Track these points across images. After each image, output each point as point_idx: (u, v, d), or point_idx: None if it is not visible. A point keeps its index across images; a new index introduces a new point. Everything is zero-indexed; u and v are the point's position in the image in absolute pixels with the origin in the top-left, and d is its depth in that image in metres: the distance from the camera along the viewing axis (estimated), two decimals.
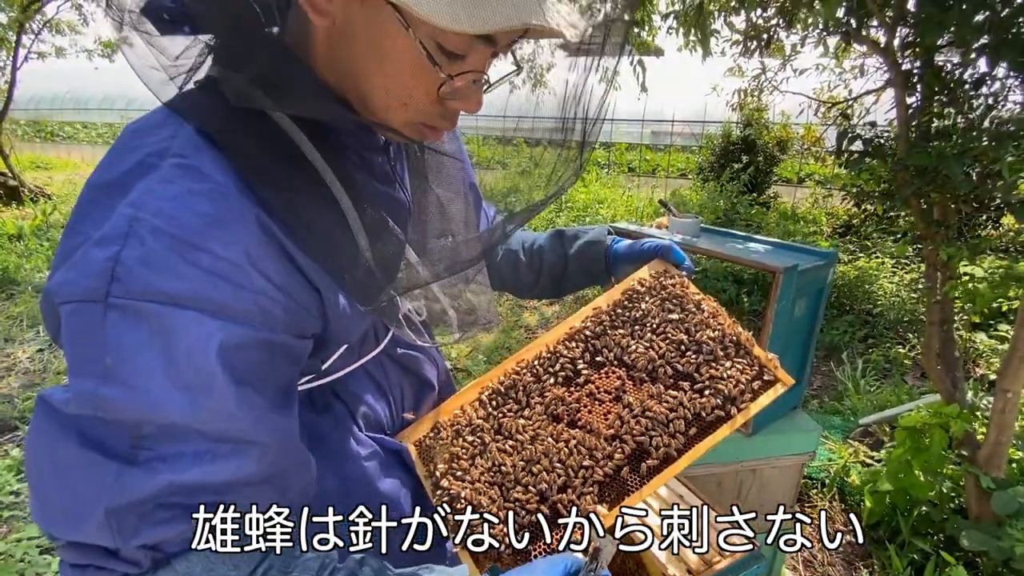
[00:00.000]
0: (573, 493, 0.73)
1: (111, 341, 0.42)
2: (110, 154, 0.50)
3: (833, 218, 6.33)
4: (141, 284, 0.42)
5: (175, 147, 0.47)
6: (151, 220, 0.43)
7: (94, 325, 0.42)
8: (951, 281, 1.69)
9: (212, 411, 0.45)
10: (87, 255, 0.43)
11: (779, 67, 4.29)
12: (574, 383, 0.83)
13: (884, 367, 3.56)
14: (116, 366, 0.42)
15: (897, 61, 1.66)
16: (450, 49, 0.49)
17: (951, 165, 1.42)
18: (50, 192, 8.02)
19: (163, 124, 0.49)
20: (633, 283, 0.92)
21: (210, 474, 0.46)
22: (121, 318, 0.42)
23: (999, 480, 1.78)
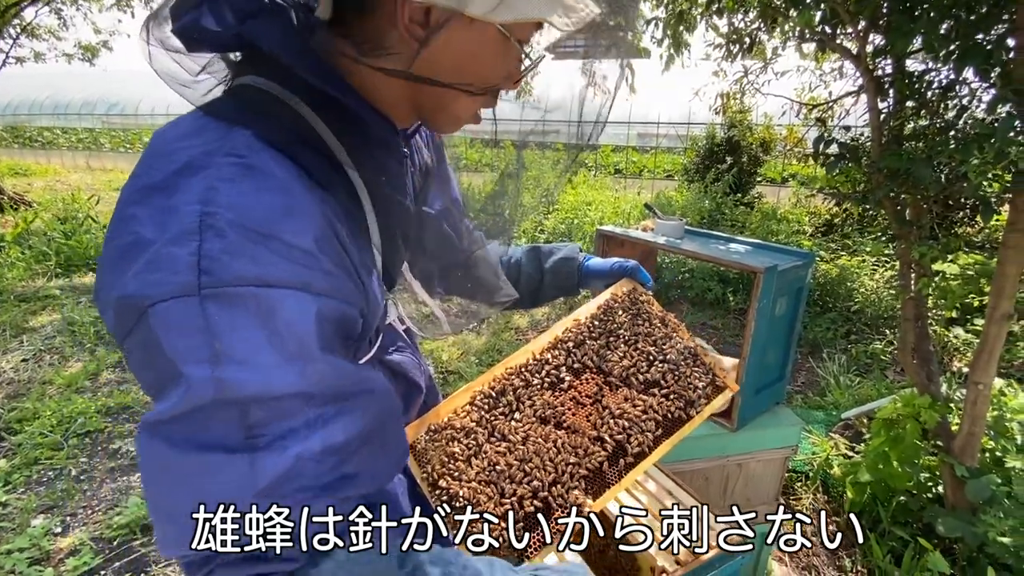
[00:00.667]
0: (562, 488, 0.81)
1: (215, 327, 0.44)
2: (146, 161, 0.51)
3: (815, 217, 6.45)
4: (230, 272, 0.44)
5: (228, 147, 0.49)
6: (224, 214, 0.45)
7: (194, 316, 0.44)
8: (924, 279, 1.75)
9: (319, 375, 0.48)
10: (166, 254, 0.44)
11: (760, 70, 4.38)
12: (558, 388, 0.94)
13: (865, 362, 3.66)
14: (226, 348, 0.44)
15: (869, 68, 1.72)
16: (519, 38, 0.58)
17: (920, 168, 1.49)
18: (30, 199, 7.89)
19: (204, 129, 0.51)
20: (607, 299, 1.04)
21: (329, 437, 0.48)
22: (218, 305, 0.44)
23: (972, 469, 1.86)
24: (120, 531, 2.18)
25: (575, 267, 1.08)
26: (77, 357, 3.66)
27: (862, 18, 1.74)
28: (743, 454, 1.71)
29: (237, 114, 0.52)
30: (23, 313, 4.27)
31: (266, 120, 0.52)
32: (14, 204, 7.32)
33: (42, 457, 2.63)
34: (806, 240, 5.44)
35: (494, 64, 0.59)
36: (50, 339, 3.89)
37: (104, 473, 2.57)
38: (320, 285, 0.49)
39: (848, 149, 1.76)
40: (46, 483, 2.50)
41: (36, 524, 2.22)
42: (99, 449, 2.75)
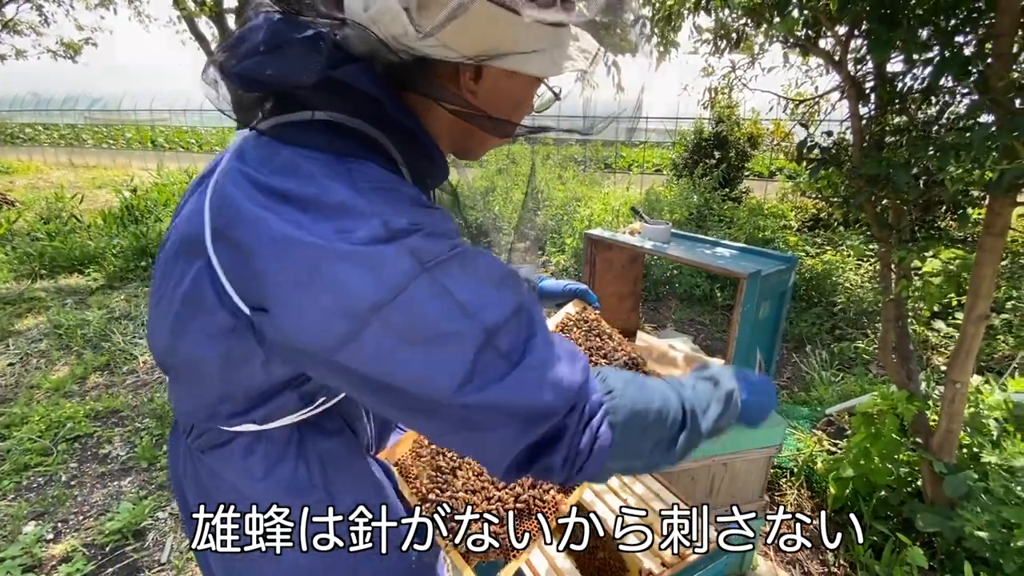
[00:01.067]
0: (539, 490, 0.91)
1: (452, 288, 0.53)
2: (276, 171, 0.57)
3: (802, 212, 6.52)
4: (435, 251, 0.54)
5: (366, 176, 0.57)
6: (401, 220, 0.54)
7: (434, 287, 0.53)
8: (903, 281, 1.79)
9: (520, 286, 0.60)
10: (378, 255, 0.52)
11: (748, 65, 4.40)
12: None
13: (850, 358, 3.72)
14: (466, 299, 0.54)
15: (850, 74, 1.75)
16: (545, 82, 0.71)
17: (899, 173, 1.52)
18: (13, 198, 7.77)
19: (333, 163, 0.58)
20: (563, 318, 1.19)
21: (546, 326, 0.61)
22: (441, 271, 0.53)
23: (950, 465, 1.91)
24: (112, 537, 2.18)
25: (532, 287, 1.21)
26: (64, 360, 3.63)
27: (843, 24, 1.76)
28: (728, 454, 1.75)
29: (347, 149, 0.60)
30: (8, 316, 4.22)
31: (374, 154, 0.61)
32: None
33: (32, 463, 2.62)
34: (792, 236, 5.50)
35: (522, 104, 0.70)
36: (36, 342, 3.85)
37: (94, 478, 2.56)
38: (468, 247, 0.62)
39: (829, 153, 1.79)
40: (36, 489, 2.49)
41: (27, 531, 2.21)
42: (89, 454, 2.74)
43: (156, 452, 2.72)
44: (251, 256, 0.54)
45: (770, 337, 1.79)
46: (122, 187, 6.99)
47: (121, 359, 3.65)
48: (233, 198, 0.57)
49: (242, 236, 0.55)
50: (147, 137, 15.93)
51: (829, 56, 1.84)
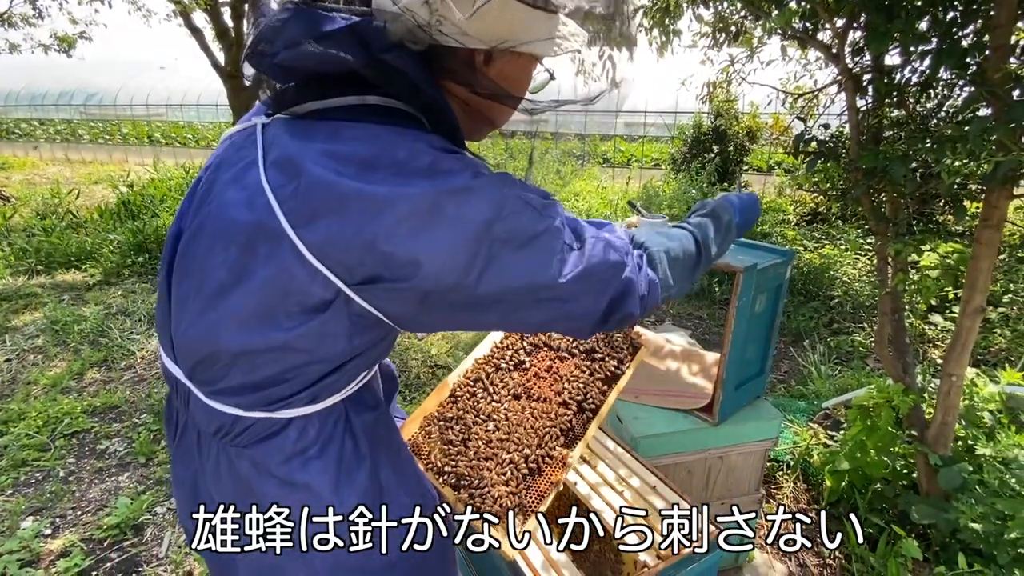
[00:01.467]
0: (545, 448, 0.99)
1: (527, 199, 0.65)
2: (376, 144, 0.62)
3: (800, 206, 6.52)
4: (507, 179, 0.66)
5: (429, 144, 0.63)
6: (478, 168, 0.64)
7: (519, 202, 0.65)
8: (900, 274, 1.79)
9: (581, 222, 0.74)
10: (478, 186, 0.62)
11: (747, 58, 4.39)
12: (521, 368, 1.15)
13: (847, 351, 3.73)
14: (539, 205, 0.67)
15: (848, 67, 1.74)
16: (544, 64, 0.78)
17: (896, 166, 1.52)
18: (9, 194, 7.73)
19: (402, 133, 0.64)
20: None
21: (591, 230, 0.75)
22: (519, 189, 0.66)
23: (945, 457, 1.92)
24: (110, 532, 2.19)
25: None
26: (61, 356, 3.62)
27: (840, 15, 1.75)
28: (724, 447, 1.76)
29: (406, 123, 0.66)
30: (4, 312, 4.21)
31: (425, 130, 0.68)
32: None
33: (29, 459, 2.62)
34: (790, 230, 5.50)
35: (522, 83, 0.76)
36: (33, 338, 3.84)
37: (92, 474, 2.57)
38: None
39: (827, 147, 1.78)
40: (34, 485, 2.49)
41: (25, 526, 2.22)
42: (86, 450, 2.75)
43: (154, 447, 2.72)
44: (360, 227, 0.58)
45: (766, 331, 1.79)
46: (119, 182, 6.95)
47: (119, 355, 3.64)
48: (320, 177, 0.59)
49: (344, 209, 0.58)
50: (143, 132, 15.85)
51: (827, 48, 1.83)
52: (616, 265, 0.71)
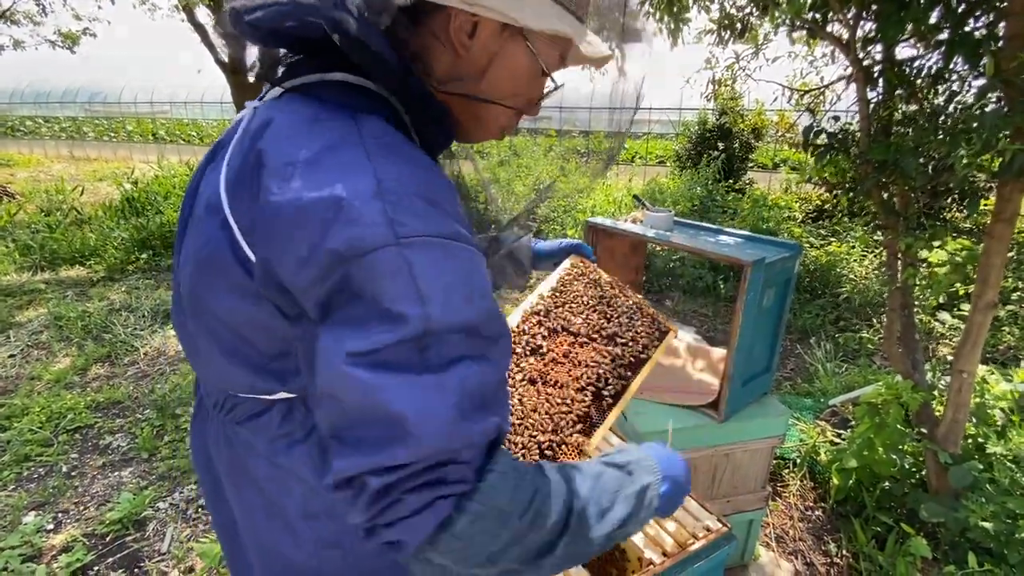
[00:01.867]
0: (561, 435, 0.97)
1: (417, 272, 0.50)
2: (286, 139, 0.56)
3: (806, 203, 6.47)
4: (420, 226, 0.51)
5: (366, 130, 0.56)
6: (395, 182, 0.52)
7: (397, 263, 0.50)
8: (910, 269, 1.76)
9: (485, 315, 0.55)
10: (361, 212, 0.50)
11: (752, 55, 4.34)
12: (538, 353, 1.10)
13: (853, 349, 3.70)
14: (427, 289, 0.51)
15: (858, 57, 1.71)
16: (548, 67, 0.69)
17: (907, 158, 1.49)
18: (14, 191, 7.76)
19: (333, 116, 0.57)
20: (562, 273, 1.22)
21: (486, 370, 0.55)
22: (414, 252, 0.50)
23: (955, 455, 1.89)
24: (113, 527, 2.18)
25: (528, 251, 1.21)
26: (65, 352, 3.62)
27: (852, 5, 1.72)
28: (730, 444, 1.73)
29: (357, 104, 0.59)
30: (9, 308, 4.21)
31: (381, 110, 0.60)
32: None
33: (32, 454, 2.62)
34: (796, 227, 5.46)
35: (525, 85, 0.69)
36: (37, 334, 3.85)
37: (95, 469, 2.56)
38: (472, 241, 0.57)
39: (836, 139, 1.75)
40: (37, 480, 2.49)
41: (28, 521, 2.21)
42: (89, 445, 2.74)
43: (157, 443, 2.72)
44: (260, 208, 0.55)
45: (774, 326, 1.76)
46: (123, 179, 6.96)
47: (122, 350, 3.64)
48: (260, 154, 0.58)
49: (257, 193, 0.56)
50: (148, 130, 15.88)
51: (837, 40, 1.80)
52: (414, 435, 0.50)
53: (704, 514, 1.33)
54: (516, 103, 0.71)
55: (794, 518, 2.22)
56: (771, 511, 2.26)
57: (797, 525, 2.19)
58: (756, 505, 1.87)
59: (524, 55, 0.66)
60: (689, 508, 1.36)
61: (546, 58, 0.67)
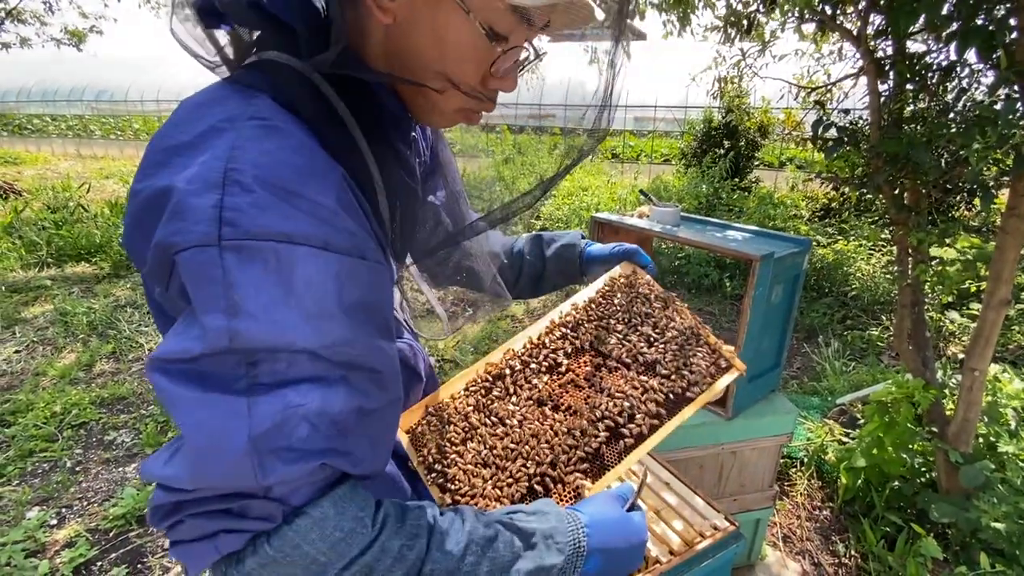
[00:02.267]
0: (560, 470, 0.79)
1: (233, 279, 0.45)
2: (172, 123, 0.52)
3: (812, 201, 6.42)
4: (253, 225, 0.45)
5: (251, 111, 0.50)
6: (251, 170, 0.46)
7: (213, 267, 0.45)
8: (921, 265, 1.73)
9: (331, 337, 0.48)
10: (188, 204, 0.45)
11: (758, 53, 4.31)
12: (556, 371, 0.92)
13: (861, 347, 3.66)
14: (243, 301, 0.45)
15: (870, 49, 1.68)
16: (499, 31, 0.56)
17: (920, 152, 1.46)
18: (20, 188, 7.80)
19: (228, 98, 0.52)
20: (605, 282, 1.02)
21: (330, 400, 0.48)
22: (238, 257, 0.45)
23: (967, 455, 1.86)
24: (116, 522, 2.18)
25: (576, 254, 1.07)
26: (70, 348, 3.63)
27: None
28: (738, 442, 1.71)
29: (260, 83, 0.54)
30: (15, 304, 4.23)
31: (286, 89, 0.54)
32: (4, 193, 7.23)
33: (36, 449, 2.62)
34: (803, 225, 5.42)
35: (468, 56, 0.58)
36: (43, 330, 3.86)
37: (99, 464, 2.56)
38: (343, 244, 0.50)
39: (847, 133, 1.72)
40: (41, 475, 2.49)
41: (31, 516, 2.22)
42: (94, 440, 2.75)
43: (161, 439, 2.72)
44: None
45: (783, 322, 1.73)
46: (129, 177, 6.98)
47: (127, 347, 3.65)
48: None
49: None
50: (154, 128, 15.95)
51: (848, 32, 1.77)
52: (201, 462, 0.46)
53: (712, 512, 1.31)
54: (462, 79, 0.59)
55: (801, 517, 2.19)
56: (778, 510, 2.23)
57: (804, 524, 2.17)
58: (763, 504, 1.85)
59: (457, 17, 0.54)
60: (696, 506, 1.34)
61: (488, 18, 0.55)
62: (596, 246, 1.08)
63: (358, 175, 0.58)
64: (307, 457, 0.48)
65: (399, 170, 0.66)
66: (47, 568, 1.96)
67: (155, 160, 0.50)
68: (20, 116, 16.11)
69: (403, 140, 0.67)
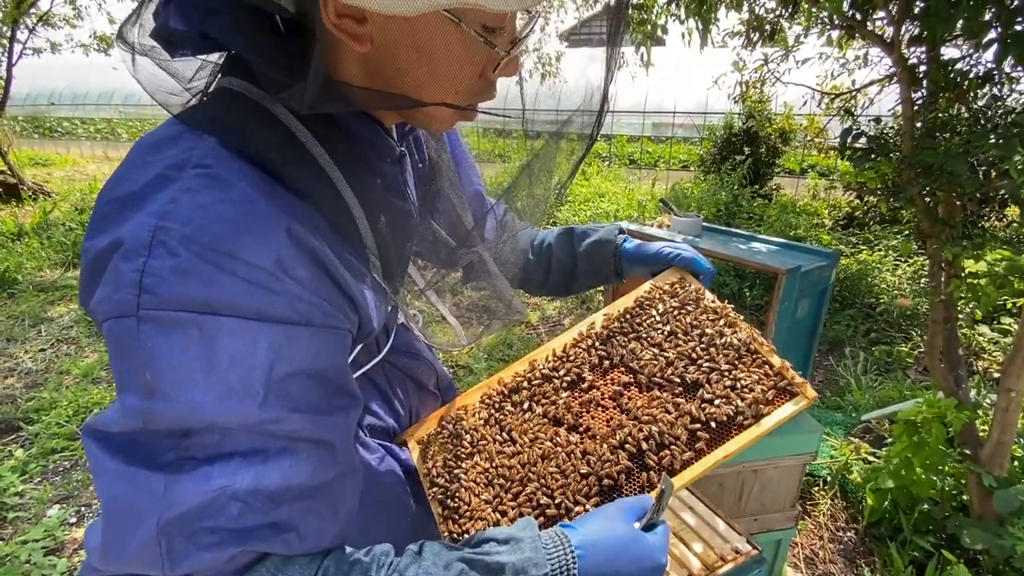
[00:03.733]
0: (569, 500, 0.71)
1: (147, 354, 0.42)
2: (123, 170, 0.49)
3: (835, 210, 6.29)
4: (171, 293, 0.42)
5: (195, 158, 0.46)
6: (179, 229, 0.42)
7: (131, 339, 0.42)
8: (956, 280, 1.67)
9: (261, 414, 0.45)
10: (115, 268, 0.43)
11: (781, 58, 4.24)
12: (578, 388, 0.83)
13: (886, 362, 3.55)
14: (156, 380, 0.42)
15: (903, 56, 1.63)
16: (492, 26, 0.50)
17: (957, 163, 1.40)
18: (50, 189, 8.00)
19: (179, 138, 0.48)
20: (646, 290, 0.91)
21: (263, 476, 0.45)
22: (155, 330, 0.42)
23: (1001, 479, 1.78)
24: None
25: (610, 251, 0.94)
26: (93, 347, 3.70)
27: (895, 2, 1.64)
28: (760, 460, 1.66)
29: (210, 121, 0.49)
30: (41, 303, 4.33)
31: (238, 126, 0.49)
32: (34, 194, 7.43)
33: (58, 447, 2.67)
34: (825, 234, 5.31)
35: (459, 65, 0.51)
36: (67, 329, 3.94)
37: None
38: (280, 311, 0.46)
39: (877, 143, 1.67)
40: (62, 473, 2.53)
41: (51, 514, 2.25)
42: None
43: None
44: None
45: (808, 338, 1.68)
46: None
47: None
48: None
49: None
50: None
51: (879, 38, 1.72)
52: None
53: (733, 535, 1.27)
54: (457, 88, 0.53)
55: (824, 539, 2.12)
56: (800, 531, 2.16)
57: (827, 546, 2.09)
58: (785, 524, 1.79)
59: (443, 28, 0.48)
60: (717, 528, 1.30)
61: (478, 18, 0.49)
62: (635, 243, 0.94)
63: (332, 211, 0.53)
64: (235, 538, 0.44)
65: (383, 192, 0.62)
66: (65, 567, 1.98)
67: (103, 213, 0.47)
68: (51, 119, 16.58)
69: (385, 158, 0.63)
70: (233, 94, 0.51)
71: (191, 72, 0.53)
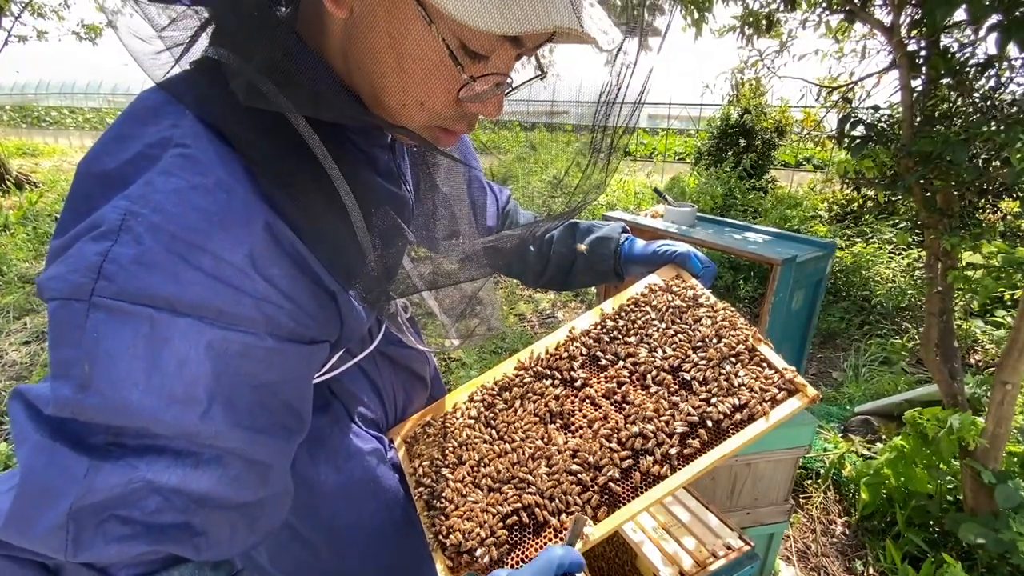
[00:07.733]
0: (560, 502, 0.68)
1: (91, 345, 0.39)
2: (106, 142, 0.45)
3: (831, 202, 6.27)
4: (134, 285, 0.39)
5: (177, 136, 0.43)
6: (149, 216, 0.40)
7: (76, 326, 0.39)
8: (953, 271, 1.64)
9: (200, 427, 0.42)
10: (80, 249, 0.40)
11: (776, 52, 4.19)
12: (571, 386, 0.81)
13: (880, 355, 3.54)
14: (94, 373, 0.39)
15: (903, 42, 1.59)
16: (474, 49, 0.45)
17: (957, 151, 1.37)
18: (37, 179, 7.88)
19: (162, 112, 0.45)
20: (642, 288, 0.89)
21: (190, 480, 0.42)
22: (105, 320, 0.39)
23: (998, 473, 1.76)
24: None
25: (612, 250, 0.93)
26: None
27: None
28: (753, 454, 1.63)
29: (194, 97, 0.45)
30: (26, 295, 4.25)
31: (215, 101, 0.45)
32: (20, 184, 7.31)
33: None
34: (821, 227, 5.29)
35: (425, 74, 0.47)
36: None
37: None
38: (243, 314, 0.43)
39: (875, 131, 1.63)
40: None
41: None
42: None
43: None
44: None
45: (802, 330, 1.65)
46: None
47: None
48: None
49: None
50: None
51: (879, 23, 1.68)
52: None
53: (725, 531, 1.25)
54: (424, 99, 0.49)
55: (817, 532, 2.11)
56: (792, 524, 2.15)
57: (820, 540, 2.08)
58: (778, 518, 1.77)
59: (416, 25, 0.44)
60: (709, 523, 1.27)
61: (459, 32, 0.44)
62: (638, 243, 0.94)
63: (317, 198, 0.49)
64: (147, 534, 0.42)
65: (377, 179, 0.58)
66: None
67: (83, 192, 0.43)
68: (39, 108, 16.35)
69: (378, 144, 0.59)
70: (213, 65, 0.47)
71: (166, 21, 0.48)
